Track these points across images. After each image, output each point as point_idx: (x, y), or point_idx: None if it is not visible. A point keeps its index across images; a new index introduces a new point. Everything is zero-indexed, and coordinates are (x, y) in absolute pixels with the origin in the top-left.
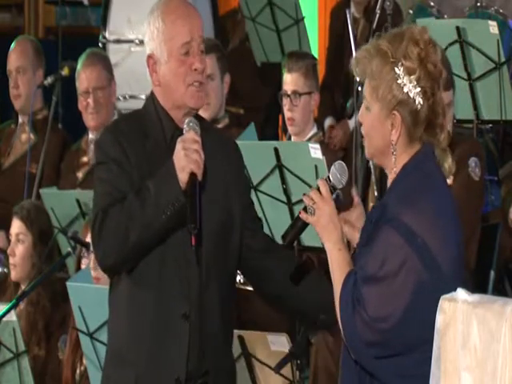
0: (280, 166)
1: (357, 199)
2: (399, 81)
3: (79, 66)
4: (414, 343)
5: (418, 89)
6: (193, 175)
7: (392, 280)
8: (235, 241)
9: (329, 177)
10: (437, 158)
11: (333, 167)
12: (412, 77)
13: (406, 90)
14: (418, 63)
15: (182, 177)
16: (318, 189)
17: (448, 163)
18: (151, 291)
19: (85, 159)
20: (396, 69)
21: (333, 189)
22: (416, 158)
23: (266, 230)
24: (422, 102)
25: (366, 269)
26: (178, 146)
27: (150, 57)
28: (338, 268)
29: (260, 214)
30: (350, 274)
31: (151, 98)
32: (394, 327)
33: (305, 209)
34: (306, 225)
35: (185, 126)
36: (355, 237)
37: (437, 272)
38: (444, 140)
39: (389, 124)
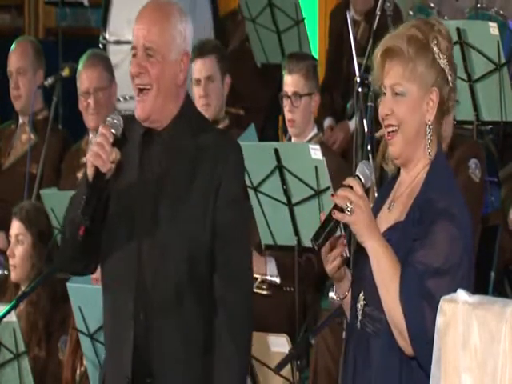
0: (280, 167)
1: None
2: (436, 56)
3: (80, 67)
4: None
5: (448, 69)
6: (96, 168)
7: (457, 272)
8: (204, 242)
9: (358, 175)
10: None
11: (361, 165)
12: (445, 55)
13: (442, 65)
14: (448, 42)
15: (89, 171)
16: (349, 187)
17: None
18: (111, 289)
19: (85, 160)
20: (434, 47)
21: None
22: (439, 147)
23: (266, 230)
24: (450, 84)
25: (426, 263)
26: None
27: None
28: (390, 264)
29: (260, 215)
30: (406, 268)
31: None
32: None
33: (335, 208)
34: (337, 225)
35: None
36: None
37: (469, 262)
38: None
39: (425, 104)
